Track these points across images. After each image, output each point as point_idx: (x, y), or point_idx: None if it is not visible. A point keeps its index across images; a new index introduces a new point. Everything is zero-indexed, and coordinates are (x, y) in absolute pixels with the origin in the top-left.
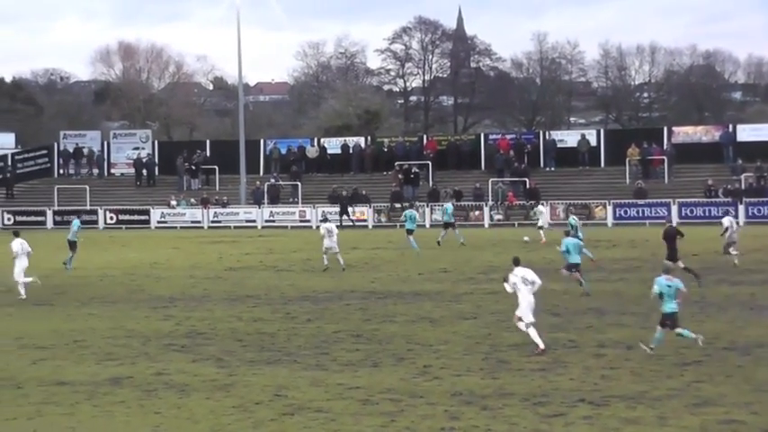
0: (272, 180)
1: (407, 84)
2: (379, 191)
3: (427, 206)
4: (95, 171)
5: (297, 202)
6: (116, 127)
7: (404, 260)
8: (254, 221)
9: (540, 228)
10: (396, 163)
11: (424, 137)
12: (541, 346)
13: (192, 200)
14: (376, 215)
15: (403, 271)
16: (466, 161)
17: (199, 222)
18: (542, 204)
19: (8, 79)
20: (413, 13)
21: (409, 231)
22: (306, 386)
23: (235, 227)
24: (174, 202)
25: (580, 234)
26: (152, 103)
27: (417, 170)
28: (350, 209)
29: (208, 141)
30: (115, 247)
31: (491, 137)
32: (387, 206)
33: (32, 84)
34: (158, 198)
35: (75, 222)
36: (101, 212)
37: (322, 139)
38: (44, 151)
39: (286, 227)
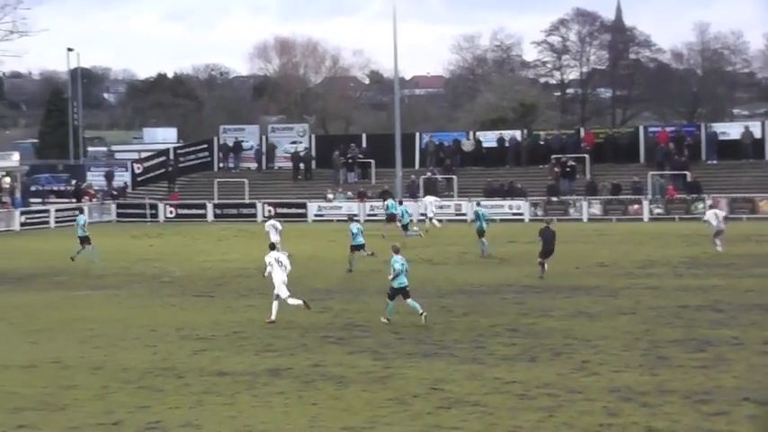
0: (428, 173)
1: (564, 76)
2: (534, 184)
3: (584, 200)
4: (254, 165)
5: (452, 196)
6: (274, 121)
7: (560, 254)
8: (409, 215)
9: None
10: (552, 156)
11: (581, 130)
12: (273, 318)
13: (349, 193)
14: (532, 208)
15: (559, 265)
16: (624, 154)
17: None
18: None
19: (170, 75)
20: (570, 4)
21: (480, 232)
22: (462, 380)
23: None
24: (330, 196)
25: None
26: (309, 97)
27: (574, 163)
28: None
29: (364, 135)
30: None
31: (650, 129)
32: (543, 200)
33: (193, 79)
34: (315, 191)
35: (81, 218)
36: (259, 206)
37: (477, 133)
38: (204, 145)
39: (441, 220)
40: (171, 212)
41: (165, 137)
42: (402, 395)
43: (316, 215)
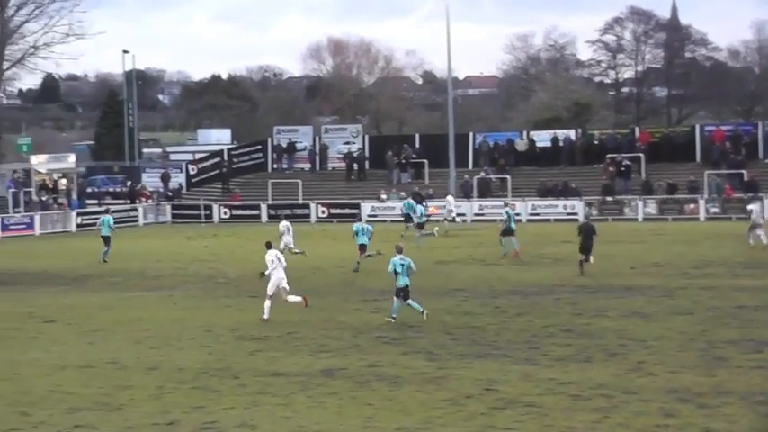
0: (482, 173)
1: (619, 75)
2: (589, 184)
3: (640, 199)
4: (307, 166)
5: (506, 196)
6: (327, 122)
7: (615, 254)
8: (463, 215)
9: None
10: (606, 155)
11: (636, 129)
12: (266, 316)
13: (402, 193)
14: (587, 208)
15: (614, 265)
16: (680, 153)
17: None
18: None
19: (224, 76)
20: (625, 3)
21: (509, 232)
22: (516, 380)
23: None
24: (384, 196)
25: None
26: (362, 97)
27: (629, 163)
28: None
29: (417, 135)
30: (326, 240)
31: (706, 128)
32: (598, 199)
33: (247, 80)
34: (368, 192)
35: (107, 218)
36: (312, 206)
37: (531, 132)
38: (258, 146)
39: (495, 221)
40: (225, 213)
41: (219, 138)
42: (456, 396)
43: (369, 215)
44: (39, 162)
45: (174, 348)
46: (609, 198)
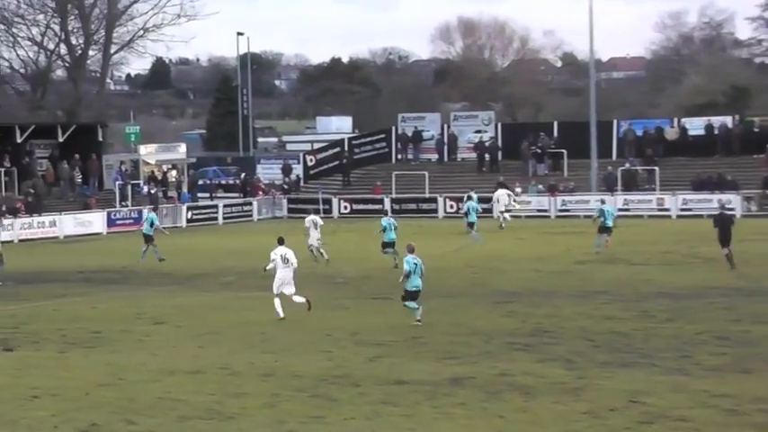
0: (627, 165)
1: None
2: (747, 176)
3: None
4: (435, 156)
5: (654, 189)
6: (457, 109)
7: None
8: (511, 212)
9: None
10: None
11: None
12: (281, 315)
13: (540, 186)
14: (745, 203)
15: None
16: None
17: (545, 211)
18: None
19: (345, 60)
20: None
21: (605, 229)
22: (665, 392)
23: (584, 216)
24: (518, 189)
25: None
26: (495, 82)
27: None
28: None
29: (555, 123)
30: (454, 237)
31: None
32: (758, 193)
33: (370, 64)
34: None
35: (152, 216)
36: (440, 200)
37: (682, 119)
38: (381, 135)
39: (642, 216)
40: (345, 208)
41: (339, 126)
42: (597, 408)
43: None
44: (147, 152)
45: (290, 353)
46: None
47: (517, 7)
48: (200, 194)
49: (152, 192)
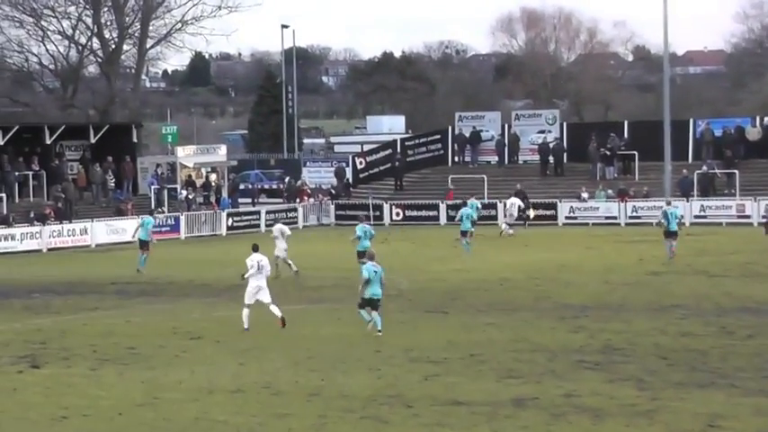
0: (704, 167)
1: None
2: None
3: None
4: (494, 158)
5: (734, 194)
6: (519, 107)
7: None
8: (681, 217)
9: None
10: None
11: None
12: (246, 326)
13: (609, 191)
14: None
15: None
16: None
17: (615, 218)
18: None
19: (397, 54)
20: None
21: (670, 234)
22: (746, 415)
23: (656, 223)
24: (585, 194)
25: None
26: (560, 77)
27: None
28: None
29: (626, 122)
30: (516, 246)
31: None
32: None
33: (425, 59)
34: (567, 189)
35: (148, 220)
36: (500, 206)
37: (765, 118)
38: (437, 136)
39: (720, 223)
40: (398, 214)
41: (391, 126)
42: (672, 431)
43: (567, 217)
44: (185, 155)
45: (338, 371)
46: None
47: None
48: (241, 200)
49: (189, 197)
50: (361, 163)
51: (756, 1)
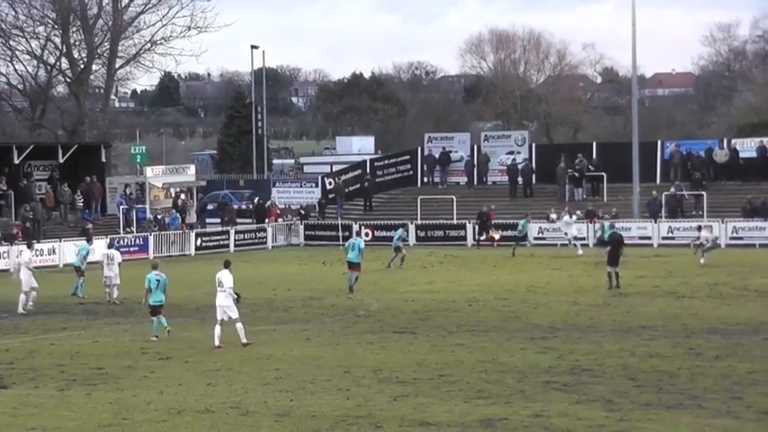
0: (672, 189)
1: None
2: None
3: None
4: (464, 179)
5: (701, 216)
6: (488, 128)
7: None
8: (648, 238)
9: None
10: None
11: None
12: (216, 343)
13: (577, 212)
14: None
15: None
16: None
17: (583, 239)
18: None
19: (367, 75)
20: None
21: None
22: None
23: (626, 245)
24: (554, 215)
25: None
26: (529, 99)
27: None
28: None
29: (594, 143)
30: (486, 267)
31: None
32: None
33: (394, 80)
34: (536, 210)
35: (85, 247)
36: (469, 227)
37: (733, 141)
38: (406, 156)
39: (687, 245)
40: (367, 235)
41: (360, 147)
42: None
43: (536, 237)
44: (154, 174)
45: (307, 392)
46: None
47: (554, 19)
48: (209, 220)
49: (158, 217)
50: (330, 183)
51: (724, 24)
